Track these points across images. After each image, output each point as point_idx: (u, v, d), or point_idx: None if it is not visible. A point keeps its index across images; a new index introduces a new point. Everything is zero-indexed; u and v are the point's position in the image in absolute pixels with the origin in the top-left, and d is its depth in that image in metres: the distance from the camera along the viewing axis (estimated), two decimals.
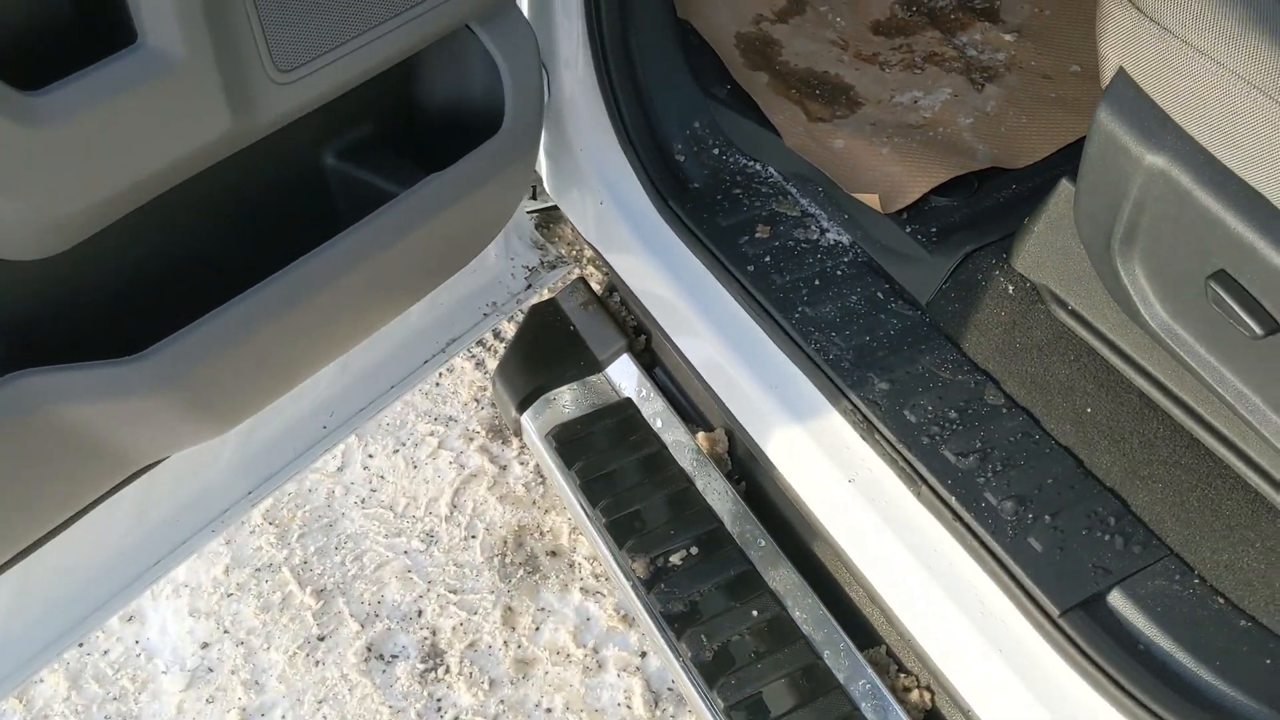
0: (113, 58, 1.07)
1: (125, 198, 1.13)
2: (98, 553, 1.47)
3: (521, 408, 1.90)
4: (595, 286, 2.23)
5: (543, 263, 1.95)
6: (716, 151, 1.76)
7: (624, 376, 1.92)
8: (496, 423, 2.35)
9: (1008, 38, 1.99)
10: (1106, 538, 1.30)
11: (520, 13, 1.51)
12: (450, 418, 2.38)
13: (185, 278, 1.37)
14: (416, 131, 1.57)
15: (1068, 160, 1.70)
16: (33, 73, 1.04)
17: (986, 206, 1.63)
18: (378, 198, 1.43)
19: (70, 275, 1.23)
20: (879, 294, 1.55)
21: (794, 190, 1.70)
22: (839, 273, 1.58)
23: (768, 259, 1.60)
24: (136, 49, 1.08)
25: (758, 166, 1.74)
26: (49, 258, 1.11)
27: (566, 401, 1.89)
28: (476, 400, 2.40)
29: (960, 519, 1.33)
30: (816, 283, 1.57)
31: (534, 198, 2.34)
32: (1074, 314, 1.44)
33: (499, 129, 1.48)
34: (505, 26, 1.48)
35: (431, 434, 2.34)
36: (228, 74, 1.14)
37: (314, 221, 1.50)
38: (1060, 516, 1.32)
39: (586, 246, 2.39)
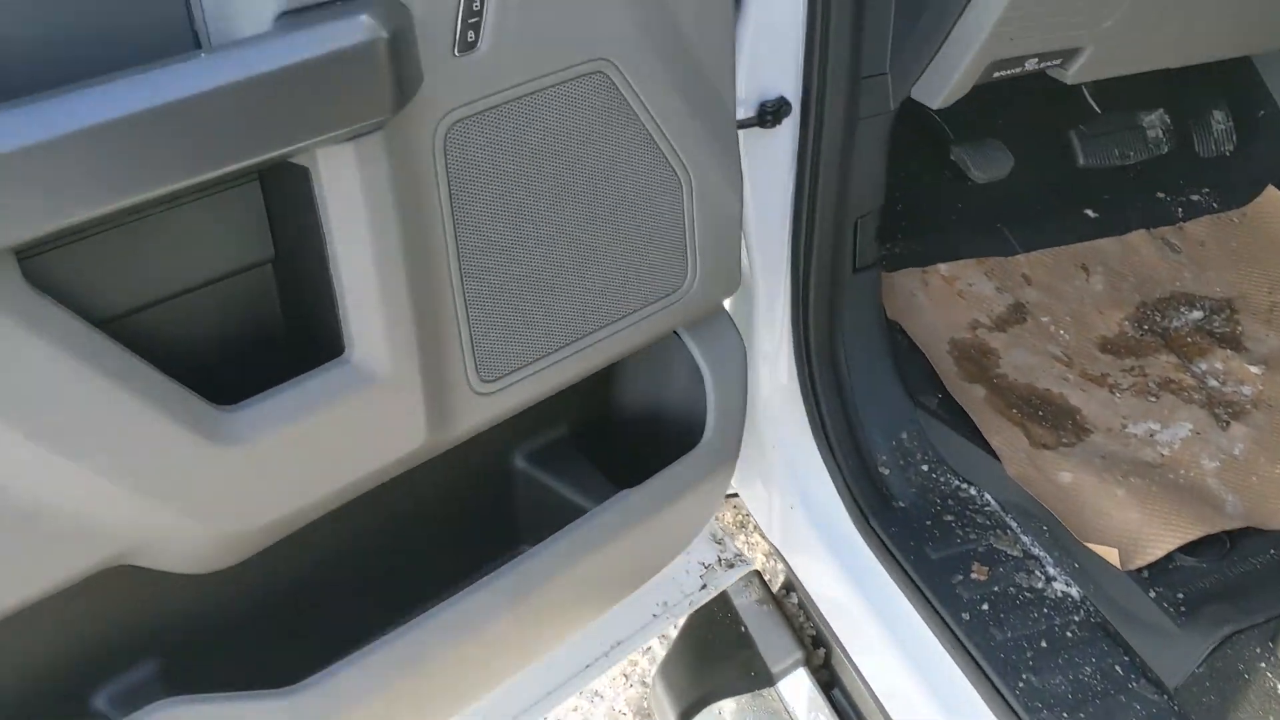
0: (316, 371, 1.01)
1: (306, 513, 1.06)
2: None
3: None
4: (766, 572, 2.08)
5: (720, 560, 1.81)
6: (925, 468, 1.61)
7: (798, 694, 1.73)
8: (645, 705, 2.18)
9: (1254, 370, 1.80)
10: None
11: (730, 320, 1.43)
12: (596, 693, 2.22)
13: (349, 585, 1.27)
14: (609, 429, 1.49)
15: None
16: (227, 379, 0.98)
17: (1243, 573, 1.43)
18: (563, 506, 1.33)
19: (228, 586, 1.15)
20: (1118, 668, 1.35)
21: (1014, 525, 1.53)
22: (1069, 634, 1.39)
23: (985, 607, 1.42)
24: (342, 363, 1.02)
25: (972, 491, 1.58)
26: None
27: (732, 716, 1.72)
28: (625, 675, 2.24)
29: None
30: (1043, 644, 1.38)
31: None
32: None
33: (698, 440, 1.38)
34: (713, 333, 1.40)
35: (575, 709, 2.18)
36: (430, 387, 1.08)
37: (493, 525, 1.41)
38: None
39: (763, 539, 2.26)
